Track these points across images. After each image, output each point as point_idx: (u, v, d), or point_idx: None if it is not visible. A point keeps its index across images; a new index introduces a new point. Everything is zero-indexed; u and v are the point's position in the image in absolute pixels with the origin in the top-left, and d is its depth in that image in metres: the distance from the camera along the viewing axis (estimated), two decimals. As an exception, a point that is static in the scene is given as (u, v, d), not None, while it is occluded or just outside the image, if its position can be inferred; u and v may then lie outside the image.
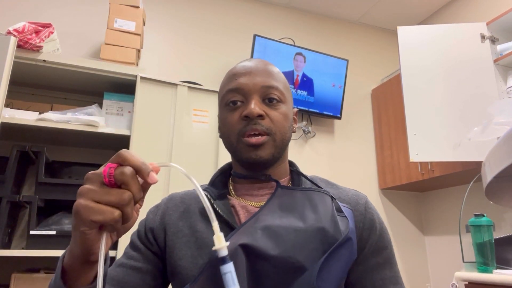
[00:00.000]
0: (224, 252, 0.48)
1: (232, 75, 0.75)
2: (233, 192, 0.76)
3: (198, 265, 0.66)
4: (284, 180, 0.77)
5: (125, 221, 0.46)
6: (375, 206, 3.04)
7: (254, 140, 0.69)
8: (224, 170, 0.81)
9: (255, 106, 0.69)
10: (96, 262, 0.47)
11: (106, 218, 0.44)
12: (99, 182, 0.46)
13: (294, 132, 0.78)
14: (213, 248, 0.48)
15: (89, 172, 0.47)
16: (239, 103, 0.72)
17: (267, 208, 0.68)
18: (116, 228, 0.47)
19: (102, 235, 0.47)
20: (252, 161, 0.69)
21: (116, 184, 0.45)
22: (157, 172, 0.49)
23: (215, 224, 0.49)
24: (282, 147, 0.73)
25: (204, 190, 0.71)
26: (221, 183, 0.78)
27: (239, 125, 0.70)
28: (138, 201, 0.47)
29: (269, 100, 0.72)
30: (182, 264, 0.67)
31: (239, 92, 0.72)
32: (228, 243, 0.49)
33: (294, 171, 0.79)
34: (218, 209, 0.69)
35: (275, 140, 0.71)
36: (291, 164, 0.81)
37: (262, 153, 0.69)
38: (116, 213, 0.45)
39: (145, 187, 0.49)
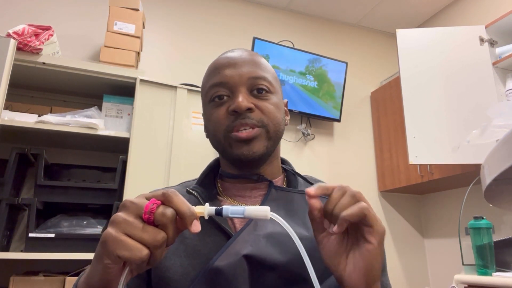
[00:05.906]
0: (211, 210, 0.47)
1: (215, 68, 0.68)
2: (222, 192, 0.70)
3: (189, 276, 0.58)
4: (278, 180, 0.72)
5: (151, 263, 0.44)
6: (375, 209, 3.02)
7: (244, 134, 0.62)
8: (212, 167, 0.74)
9: (243, 99, 0.63)
10: None
11: (133, 257, 0.41)
12: (136, 215, 0.43)
13: (286, 124, 0.71)
14: (205, 213, 0.47)
15: (128, 200, 0.44)
16: (225, 98, 0.65)
17: None
18: (141, 266, 0.44)
19: (124, 271, 0.43)
20: (244, 157, 0.63)
21: (154, 222, 0.43)
22: (197, 219, 0.46)
23: (207, 204, 0.48)
24: (275, 140, 0.67)
25: (192, 189, 0.67)
26: (210, 183, 0.71)
27: (227, 121, 0.64)
28: (169, 245, 0.45)
29: (257, 91, 0.66)
30: (170, 276, 0.59)
31: (224, 85, 0.65)
32: (207, 204, 0.48)
33: (289, 171, 0.74)
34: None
35: (268, 132, 0.64)
36: (284, 161, 0.76)
37: (254, 148, 0.63)
38: (145, 252, 0.41)
39: (180, 229, 0.46)
